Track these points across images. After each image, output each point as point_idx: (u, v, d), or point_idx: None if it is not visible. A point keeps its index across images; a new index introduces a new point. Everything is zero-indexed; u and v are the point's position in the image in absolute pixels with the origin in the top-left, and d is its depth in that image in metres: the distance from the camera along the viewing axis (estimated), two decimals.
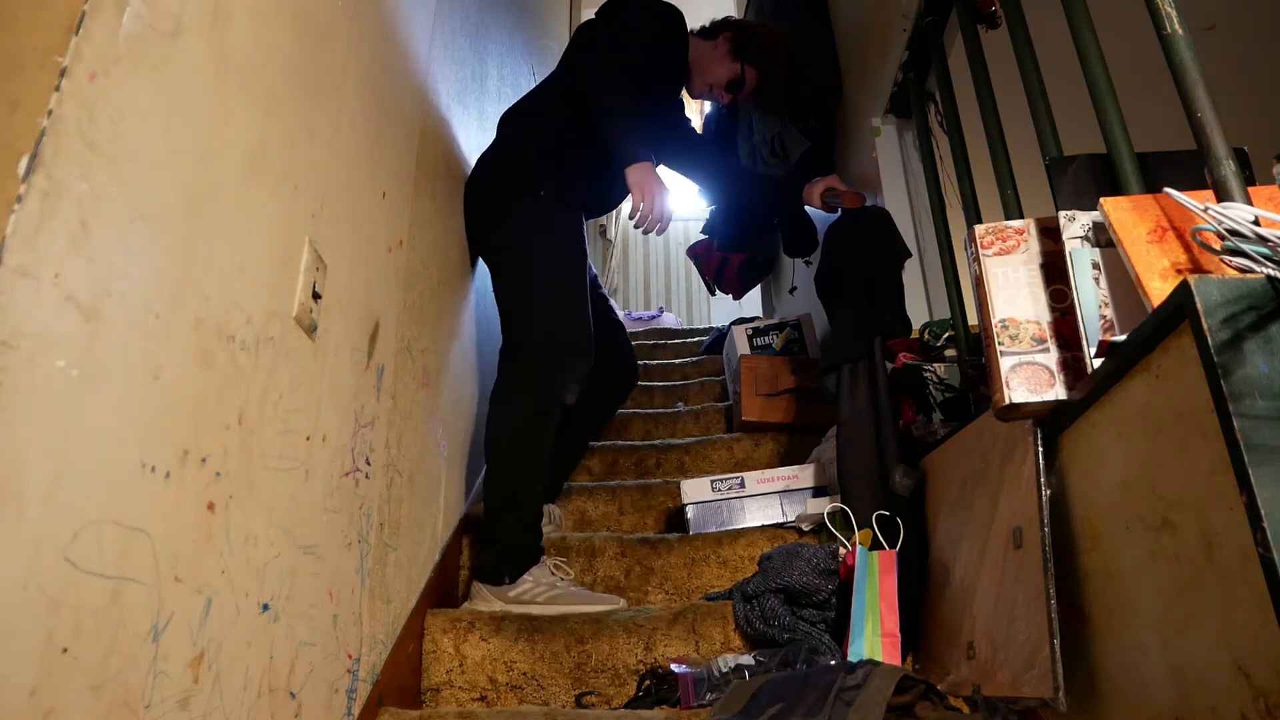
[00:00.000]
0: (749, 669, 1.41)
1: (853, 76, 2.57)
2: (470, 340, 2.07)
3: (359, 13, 1.31)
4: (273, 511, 0.98)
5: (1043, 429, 1.16)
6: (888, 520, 1.59)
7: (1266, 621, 0.70)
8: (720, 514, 1.97)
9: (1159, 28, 0.99)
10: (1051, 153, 1.32)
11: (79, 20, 0.66)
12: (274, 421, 0.99)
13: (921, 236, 2.17)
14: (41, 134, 0.63)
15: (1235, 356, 0.76)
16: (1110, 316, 1.02)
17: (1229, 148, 0.92)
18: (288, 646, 1.01)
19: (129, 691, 0.70)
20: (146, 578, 0.74)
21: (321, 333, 1.13)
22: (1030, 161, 1.40)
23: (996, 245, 1.20)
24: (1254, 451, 0.72)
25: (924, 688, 1.02)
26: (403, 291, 1.53)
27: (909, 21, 1.98)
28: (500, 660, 1.56)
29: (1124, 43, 1.41)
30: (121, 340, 0.71)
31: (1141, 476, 0.93)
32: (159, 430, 0.76)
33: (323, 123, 1.15)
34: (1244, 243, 0.82)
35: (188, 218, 0.81)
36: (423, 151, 1.70)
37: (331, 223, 1.18)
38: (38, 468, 0.61)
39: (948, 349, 1.77)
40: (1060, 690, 1.00)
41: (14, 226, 0.60)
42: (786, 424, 2.44)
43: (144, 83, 0.75)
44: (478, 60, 2.35)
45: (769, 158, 2.81)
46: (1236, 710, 0.76)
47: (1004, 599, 1.19)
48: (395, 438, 1.46)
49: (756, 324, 2.86)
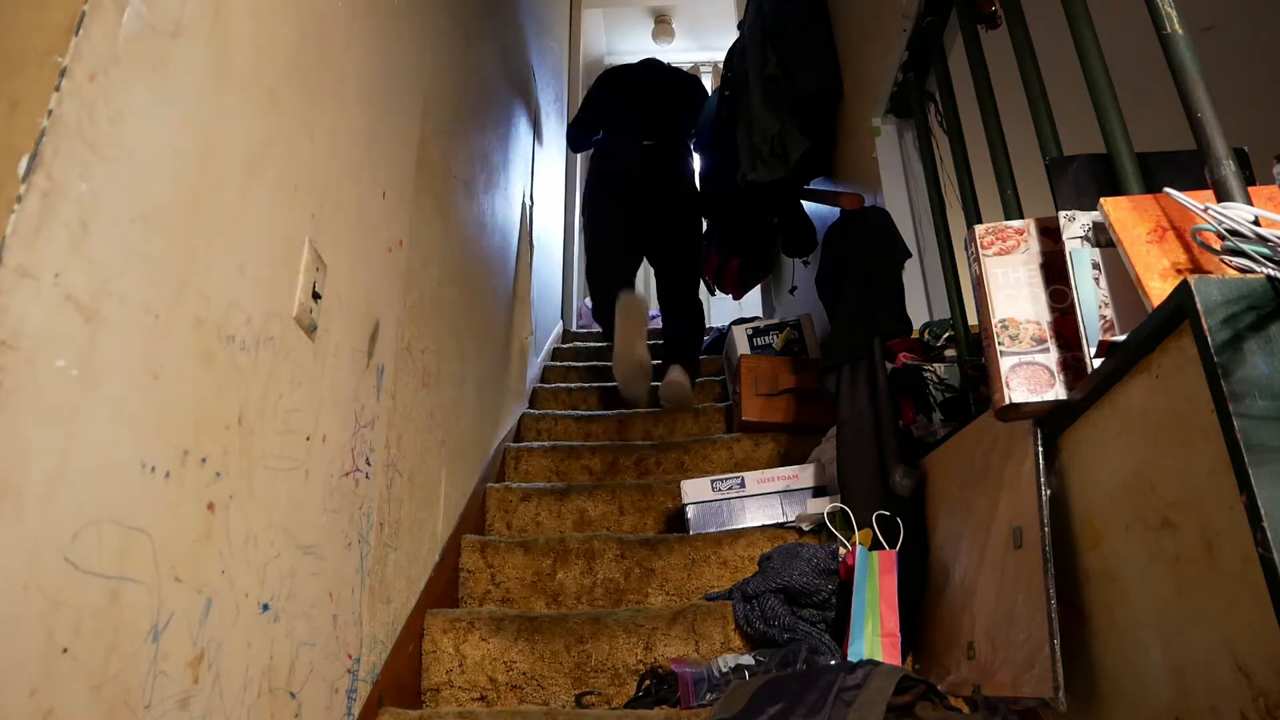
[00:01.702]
0: (749, 669, 1.42)
1: (853, 76, 2.57)
2: (470, 340, 2.07)
3: (359, 13, 1.31)
4: (273, 511, 0.98)
5: (1043, 429, 1.16)
6: (888, 520, 1.59)
7: (1266, 621, 0.70)
8: (720, 514, 1.97)
9: (1159, 28, 0.99)
10: (1051, 153, 1.32)
11: (79, 20, 0.66)
12: (274, 421, 0.99)
13: (921, 236, 2.17)
14: (41, 134, 0.63)
15: (1235, 356, 0.76)
16: (1110, 316, 1.02)
17: (1229, 148, 0.92)
18: (288, 646, 1.01)
19: (129, 691, 0.70)
20: (146, 578, 0.74)
21: (321, 333, 1.13)
22: (1030, 161, 1.39)
23: (996, 245, 1.20)
24: (1254, 451, 0.72)
25: (924, 688, 1.02)
26: (403, 291, 1.53)
27: (909, 21, 1.98)
28: (500, 660, 1.56)
29: (1124, 43, 1.41)
30: (121, 340, 0.71)
31: (1141, 476, 0.93)
32: (159, 430, 0.76)
33: (323, 123, 1.15)
34: (1244, 243, 0.82)
35: (188, 218, 0.81)
36: (423, 151, 1.70)
37: (331, 223, 1.18)
38: (38, 468, 0.61)
39: (948, 349, 1.77)
40: (1060, 690, 1.00)
41: (14, 226, 0.60)
42: (786, 424, 2.44)
43: (144, 83, 0.75)
44: (477, 60, 2.35)
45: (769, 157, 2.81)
46: (1236, 710, 0.76)
47: (1004, 599, 1.19)
48: (395, 438, 1.46)
49: (756, 324, 2.86)
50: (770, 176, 2.71)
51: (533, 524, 2.13)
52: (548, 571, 1.86)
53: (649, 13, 5.55)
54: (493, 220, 2.42)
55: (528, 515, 2.14)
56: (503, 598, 1.85)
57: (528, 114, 3.16)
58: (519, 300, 2.77)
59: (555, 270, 4.11)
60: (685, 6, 5.48)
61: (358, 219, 1.30)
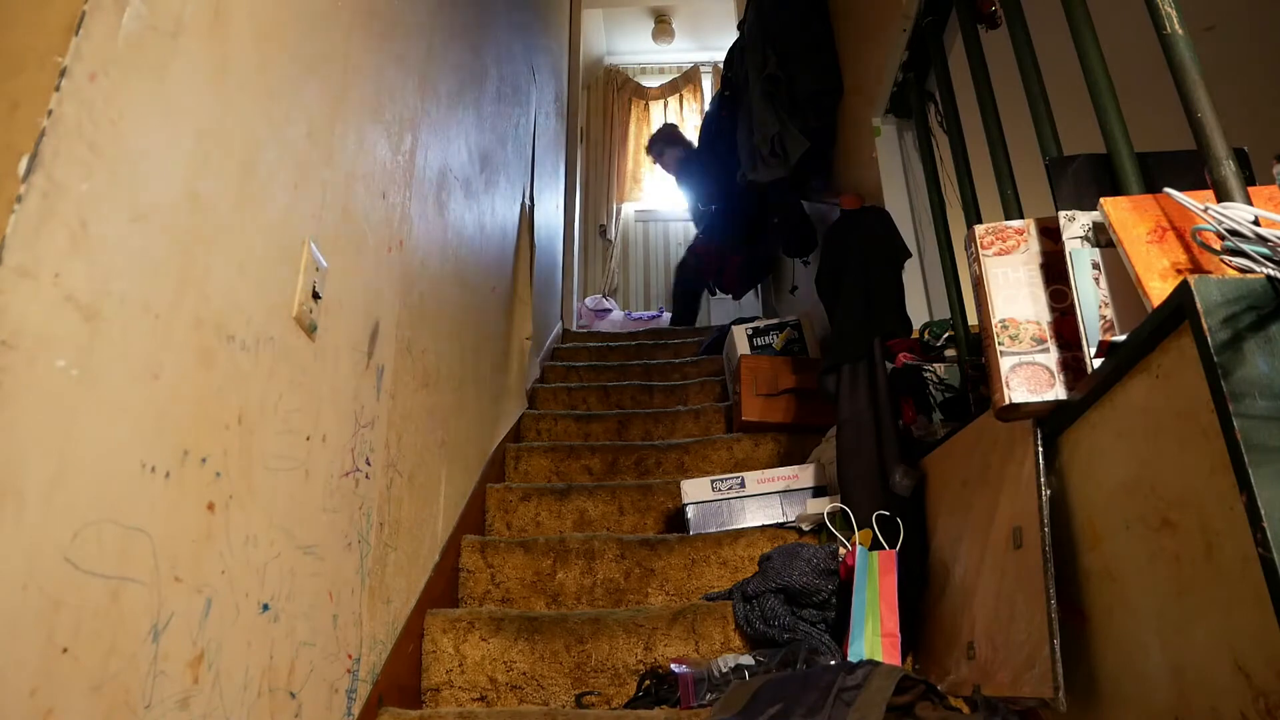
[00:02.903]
0: (749, 669, 1.41)
1: (852, 76, 2.57)
2: (470, 340, 2.07)
3: (359, 13, 1.31)
4: (273, 512, 0.98)
5: (1043, 429, 1.16)
6: (888, 520, 1.59)
7: (1266, 621, 0.70)
8: (720, 514, 1.97)
9: (1159, 28, 0.99)
10: (1051, 153, 1.32)
11: (79, 20, 0.66)
12: (274, 421, 0.99)
13: (921, 236, 2.17)
14: (41, 134, 0.63)
15: (1235, 356, 0.76)
16: (1110, 316, 1.02)
17: (1229, 148, 0.92)
18: (288, 646, 1.01)
19: (129, 691, 0.70)
20: (146, 578, 0.74)
21: (321, 333, 1.13)
22: (1030, 161, 1.39)
23: (996, 245, 1.20)
24: (1254, 451, 0.72)
25: (924, 688, 1.02)
26: (403, 291, 1.53)
27: (909, 21, 1.98)
28: (500, 660, 1.56)
29: (1124, 43, 1.41)
30: (121, 340, 0.71)
31: (1141, 476, 0.93)
32: (159, 430, 0.76)
33: (322, 123, 1.15)
34: (1244, 243, 0.82)
35: (188, 218, 0.81)
36: (422, 151, 1.70)
37: (331, 223, 1.18)
38: (38, 468, 0.61)
39: (948, 349, 1.77)
40: (1060, 690, 1.00)
41: (14, 226, 0.60)
42: (786, 424, 2.43)
43: (144, 83, 0.75)
44: (477, 60, 2.35)
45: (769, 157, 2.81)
46: (1236, 710, 0.76)
47: (1004, 599, 1.19)
48: (395, 438, 1.46)
49: (756, 324, 2.86)
50: (770, 176, 2.71)
51: (532, 524, 2.13)
52: (548, 571, 1.86)
53: (649, 13, 5.55)
54: (493, 220, 2.42)
55: (528, 515, 2.14)
56: (503, 598, 1.85)
57: (528, 114, 3.16)
58: (519, 300, 2.77)
59: (555, 270, 4.11)
60: (685, 6, 5.48)
61: (358, 219, 1.30)
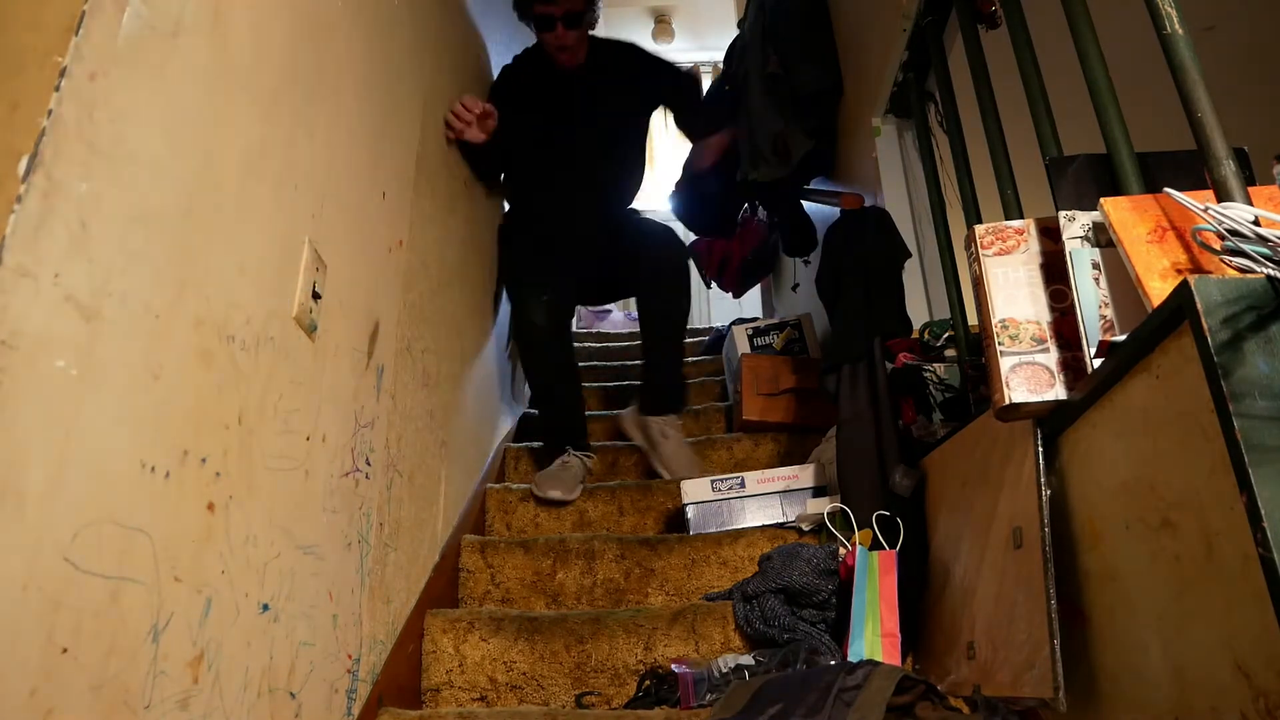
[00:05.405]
0: (749, 669, 1.41)
1: (853, 76, 2.57)
2: (470, 340, 2.07)
3: (359, 12, 1.31)
4: (273, 512, 0.98)
5: (1043, 429, 1.16)
6: (888, 520, 1.59)
7: (1266, 621, 0.70)
8: (720, 514, 1.97)
9: (1159, 28, 0.99)
10: (1051, 153, 1.32)
11: (79, 20, 0.66)
12: (274, 421, 0.99)
13: (921, 236, 2.17)
14: (41, 134, 0.63)
15: (1235, 356, 0.76)
16: (1110, 316, 1.02)
17: (1229, 148, 0.92)
18: (288, 646, 1.01)
19: (129, 691, 0.70)
20: (146, 578, 0.74)
21: (321, 333, 1.13)
22: (1030, 161, 1.39)
23: (996, 245, 1.20)
24: (1254, 451, 0.72)
25: (924, 688, 1.02)
26: (403, 291, 1.53)
27: (909, 21, 1.98)
28: (500, 660, 1.56)
29: (1124, 43, 1.41)
30: (121, 340, 0.71)
31: (1141, 476, 0.93)
32: (159, 430, 0.76)
33: (322, 123, 1.15)
34: (1244, 243, 0.82)
35: (187, 217, 0.81)
36: (423, 151, 1.70)
37: (331, 223, 1.18)
38: (38, 468, 0.61)
39: (948, 349, 1.77)
40: (1060, 690, 1.00)
41: (14, 226, 0.60)
42: (786, 424, 2.43)
43: (144, 83, 0.75)
44: (477, 60, 2.35)
45: (770, 157, 2.81)
46: (1236, 710, 0.76)
47: (1004, 599, 1.19)
48: (395, 438, 1.46)
49: (757, 324, 2.86)
50: (772, 176, 2.71)
51: (532, 524, 2.13)
52: (548, 572, 1.86)
53: (649, 13, 5.55)
54: (493, 220, 2.42)
55: (527, 515, 2.14)
56: (503, 598, 1.85)
57: None
58: None
59: None
60: (685, 6, 5.48)
61: (358, 219, 1.30)
